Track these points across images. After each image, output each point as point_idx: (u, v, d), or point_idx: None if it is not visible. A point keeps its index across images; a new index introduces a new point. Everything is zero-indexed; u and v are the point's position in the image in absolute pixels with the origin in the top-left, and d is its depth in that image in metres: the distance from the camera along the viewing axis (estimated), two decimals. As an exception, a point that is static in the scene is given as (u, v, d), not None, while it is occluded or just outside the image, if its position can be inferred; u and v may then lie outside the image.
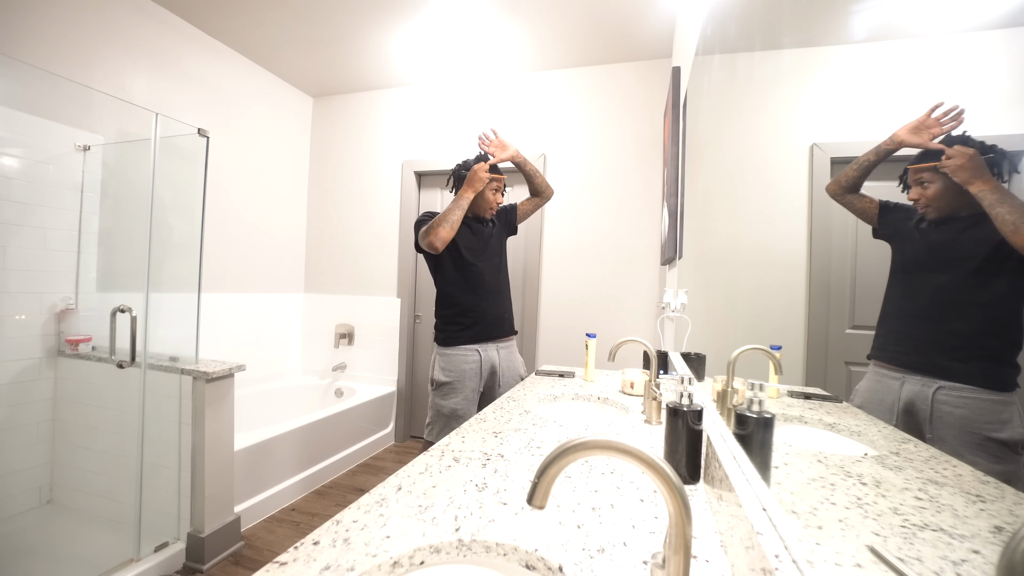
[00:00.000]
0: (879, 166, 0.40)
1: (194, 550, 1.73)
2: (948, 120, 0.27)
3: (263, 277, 3.05)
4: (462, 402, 1.71)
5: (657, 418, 1.19)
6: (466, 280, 1.76)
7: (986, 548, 0.25)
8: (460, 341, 1.74)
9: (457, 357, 1.72)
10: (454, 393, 1.70)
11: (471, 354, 1.74)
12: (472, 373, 1.73)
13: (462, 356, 1.73)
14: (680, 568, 0.43)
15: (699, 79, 1.31)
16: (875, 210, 0.31)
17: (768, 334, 0.63)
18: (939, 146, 0.25)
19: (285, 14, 2.42)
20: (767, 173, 0.68)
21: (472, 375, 1.73)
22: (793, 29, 0.60)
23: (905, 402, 0.28)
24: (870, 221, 0.31)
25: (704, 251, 1.19)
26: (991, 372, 0.24)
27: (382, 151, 3.26)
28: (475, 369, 1.73)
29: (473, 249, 1.78)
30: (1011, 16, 0.27)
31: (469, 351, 1.74)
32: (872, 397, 0.29)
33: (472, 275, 1.76)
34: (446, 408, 1.70)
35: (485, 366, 1.76)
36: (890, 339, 0.28)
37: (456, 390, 1.71)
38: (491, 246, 1.85)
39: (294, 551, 0.57)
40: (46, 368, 1.93)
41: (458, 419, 1.68)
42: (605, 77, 2.80)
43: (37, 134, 1.88)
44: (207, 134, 1.89)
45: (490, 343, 1.79)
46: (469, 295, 1.76)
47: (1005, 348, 0.23)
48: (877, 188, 0.40)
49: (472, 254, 1.77)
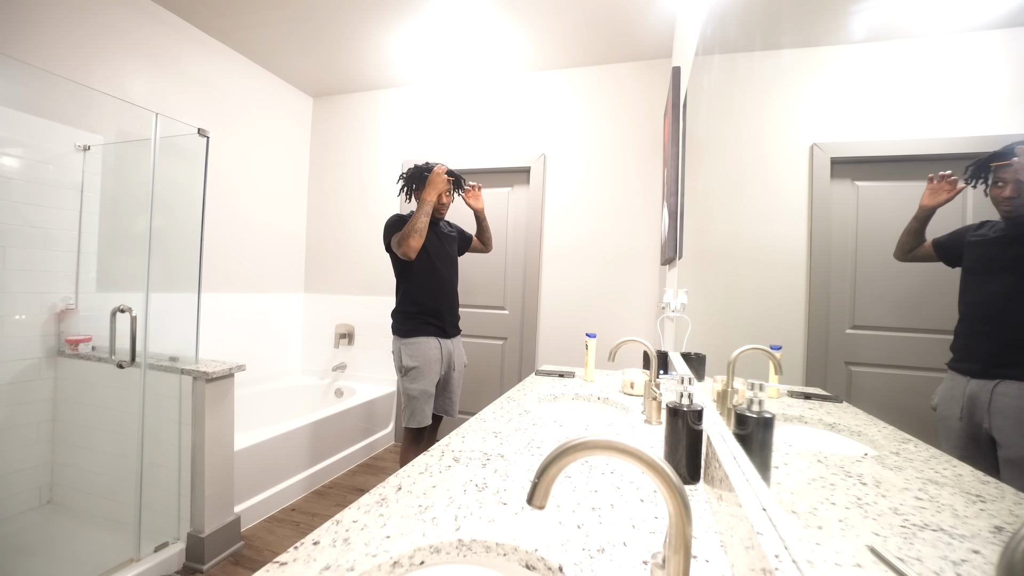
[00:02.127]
0: (881, 166, 0.40)
1: (194, 550, 1.73)
2: (949, 180, 0.30)
3: (263, 277, 3.05)
4: (428, 384, 1.92)
5: (657, 418, 1.19)
6: (431, 282, 1.98)
7: (986, 548, 0.25)
8: (423, 333, 1.95)
9: (422, 344, 1.93)
10: (421, 376, 1.90)
11: (433, 342, 1.96)
12: (435, 359, 1.95)
13: (426, 343, 1.94)
14: (680, 568, 0.43)
15: (699, 79, 1.31)
16: (931, 249, 0.33)
17: (768, 334, 0.63)
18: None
19: (285, 14, 2.42)
20: (767, 173, 0.68)
21: (435, 361, 1.95)
22: (793, 29, 0.60)
23: (969, 395, 0.29)
24: (936, 260, 0.33)
25: (704, 251, 1.19)
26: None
27: (382, 151, 3.26)
28: (437, 356, 1.96)
29: (439, 255, 2.01)
30: (1011, 16, 0.27)
31: (432, 340, 1.96)
32: (946, 395, 0.31)
33: (436, 278, 1.99)
34: (416, 390, 1.90)
35: (445, 354, 2.00)
36: (965, 344, 0.30)
37: (423, 373, 1.91)
38: (451, 252, 2.10)
39: (294, 551, 0.57)
40: (46, 368, 1.93)
41: (427, 399, 1.92)
42: (605, 77, 2.80)
43: (37, 134, 1.88)
44: (207, 134, 1.89)
45: (446, 339, 2.02)
46: (433, 296, 1.98)
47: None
48: (878, 187, 0.40)
49: (438, 259, 2.00)
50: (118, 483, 1.82)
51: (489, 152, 3.02)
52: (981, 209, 0.29)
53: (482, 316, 3.06)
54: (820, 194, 0.48)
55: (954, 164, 0.32)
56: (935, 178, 0.31)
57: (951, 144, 0.32)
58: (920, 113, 0.35)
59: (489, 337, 3.04)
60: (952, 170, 0.30)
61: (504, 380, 3.00)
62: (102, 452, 1.89)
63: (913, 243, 0.35)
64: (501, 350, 3.02)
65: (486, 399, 2.94)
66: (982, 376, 0.28)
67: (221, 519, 1.80)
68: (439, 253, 2.01)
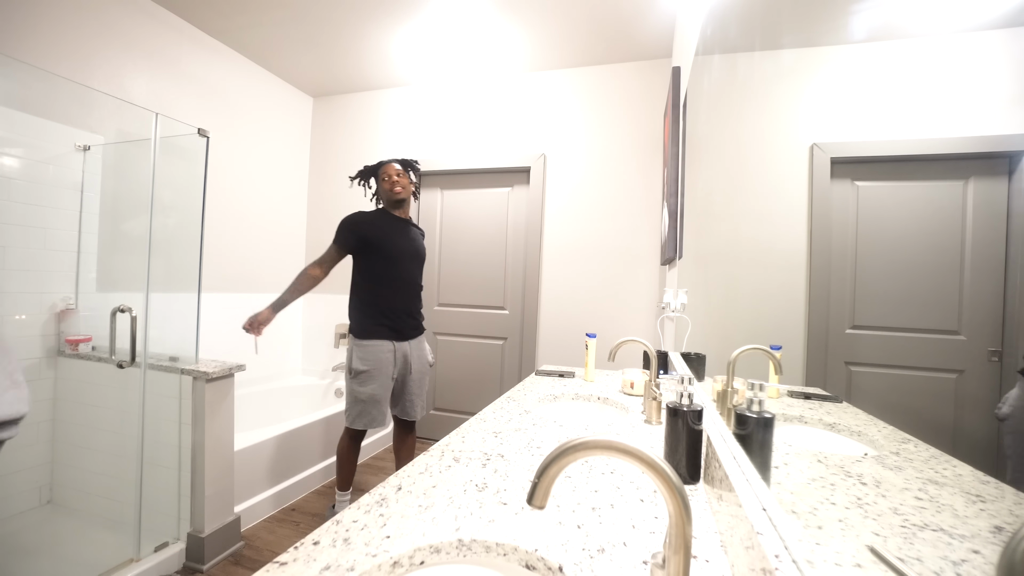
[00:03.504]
0: (881, 166, 0.40)
1: (194, 550, 1.73)
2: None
3: (263, 277, 3.05)
4: (378, 388, 1.89)
5: (657, 418, 1.19)
6: (392, 281, 1.94)
7: (986, 548, 0.25)
8: (378, 336, 1.91)
9: (374, 348, 1.90)
10: (371, 380, 1.88)
11: (387, 345, 1.92)
12: (387, 363, 1.91)
13: (378, 347, 1.90)
14: (680, 568, 0.43)
15: (699, 79, 1.31)
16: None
17: (768, 334, 0.63)
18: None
19: (285, 14, 2.42)
20: (767, 173, 0.68)
21: (387, 364, 1.91)
22: (793, 29, 0.60)
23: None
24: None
25: (704, 251, 1.19)
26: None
27: (382, 151, 3.26)
28: (390, 359, 1.92)
29: (405, 254, 1.97)
30: (1011, 16, 0.27)
31: (385, 343, 1.92)
32: (1019, 404, 0.30)
33: (399, 279, 1.96)
34: (364, 394, 1.88)
35: (399, 357, 1.95)
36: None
37: (373, 377, 1.88)
38: (420, 252, 2.06)
39: (294, 551, 0.57)
40: (46, 368, 1.93)
41: (375, 403, 1.89)
42: (605, 77, 2.80)
43: (37, 134, 1.88)
44: (207, 134, 1.89)
45: (402, 342, 1.97)
46: (392, 298, 1.94)
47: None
48: (877, 188, 0.40)
49: (403, 260, 1.96)
50: (118, 483, 1.82)
51: (489, 152, 3.02)
52: (981, 208, 0.29)
53: (482, 316, 3.06)
54: (820, 194, 0.48)
55: (954, 164, 0.32)
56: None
57: (951, 144, 0.32)
58: (920, 113, 0.35)
59: (489, 337, 3.05)
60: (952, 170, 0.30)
61: (504, 380, 3.00)
62: (102, 452, 1.89)
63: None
64: (501, 350, 3.02)
65: (486, 399, 2.94)
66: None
67: (221, 519, 1.80)
68: (405, 253, 1.97)
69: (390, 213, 2.01)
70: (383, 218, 1.98)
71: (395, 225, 1.99)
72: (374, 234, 1.92)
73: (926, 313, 0.33)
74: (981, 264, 0.29)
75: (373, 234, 1.92)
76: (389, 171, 1.98)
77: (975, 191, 0.30)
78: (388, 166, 1.98)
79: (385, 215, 2.00)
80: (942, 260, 0.32)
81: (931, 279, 0.33)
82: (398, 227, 1.99)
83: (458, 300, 3.12)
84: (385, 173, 1.98)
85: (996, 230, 0.28)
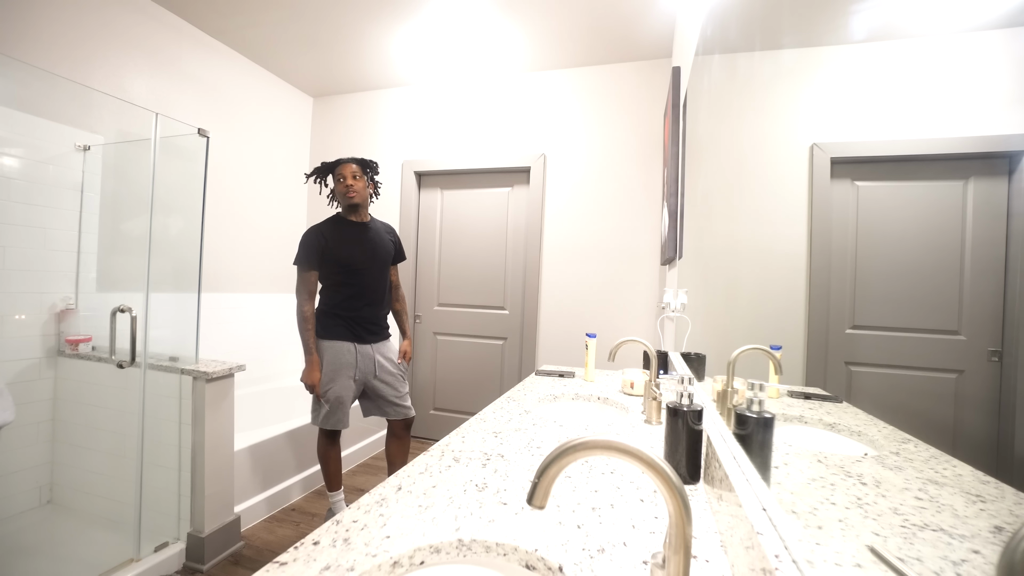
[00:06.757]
0: (881, 166, 0.40)
1: (194, 550, 1.73)
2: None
3: (263, 277, 3.05)
4: (341, 389, 1.89)
5: (657, 418, 1.19)
6: (354, 290, 1.93)
7: (986, 548, 0.25)
8: (338, 336, 1.91)
9: (335, 348, 1.90)
10: (331, 381, 1.88)
11: (348, 346, 1.91)
12: (349, 364, 1.90)
13: (339, 347, 1.90)
14: (680, 568, 0.43)
15: (699, 79, 1.31)
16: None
17: (768, 334, 0.63)
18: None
19: (284, 14, 2.42)
20: (767, 173, 0.68)
21: (349, 366, 1.90)
22: (793, 29, 0.60)
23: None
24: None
25: (704, 251, 1.19)
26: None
27: (382, 151, 3.26)
28: (350, 361, 1.90)
29: (367, 264, 1.95)
30: (1011, 16, 0.27)
31: (345, 344, 1.91)
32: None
33: (358, 286, 1.93)
34: (329, 395, 1.88)
35: (362, 357, 1.93)
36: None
37: (332, 379, 1.88)
38: (383, 258, 2.01)
39: (294, 551, 0.57)
40: (46, 368, 1.93)
41: (339, 404, 1.89)
42: (605, 77, 2.80)
43: (37, 134, 1.88)
44: (207, 134, 1.89)
45: (364, 345, 1.95)
46: (352, 304, 1.92)
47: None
48: (877, 188, 0.40)
49: (364, 269, 1.94)
50: (118, 483, 1.82)
51: (489, 152, 3.02)
52: (981, 208, 0.29)
53: (482, 316, 3.06)
54: (820, 194, 0.48)
55: (954, 164, 0.32)
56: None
57: (951, 144, 0.32)
58: (920, 113, 0.35)
59: (489, 337, 3.05)
60: (952, 170, 0.30)
61: (504, 380, 3.00)
62: (102, 452, 1.89)
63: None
64: (501, 350, 3.02)
65: (486, 399, 2.94)
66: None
67: (221, 519, 1.80)
68: (362, 261, 1.92)
69: (346, 219, 1.94)
70: (337, 228, 1.92)
71: (350, 233, 1.92)
72: (329, 248, 1.87)
73: (926, 313, 0.33)
74: (981, 264, 0.29)
75: (327, 247, 1.87)
76: (344, 172, 1.89)
77: (975, 191, 0.30)
78: (344, 166, 1.90)
79: (340, 223, 1.94)
80: (942, 260, 0.32)
81: (931, 279, 0.33)
82: (353, 235, 1.93)
83: (458, 300, 3.12)
84: (340, 174, 1.90)
85: (996, 230, 0.28)
